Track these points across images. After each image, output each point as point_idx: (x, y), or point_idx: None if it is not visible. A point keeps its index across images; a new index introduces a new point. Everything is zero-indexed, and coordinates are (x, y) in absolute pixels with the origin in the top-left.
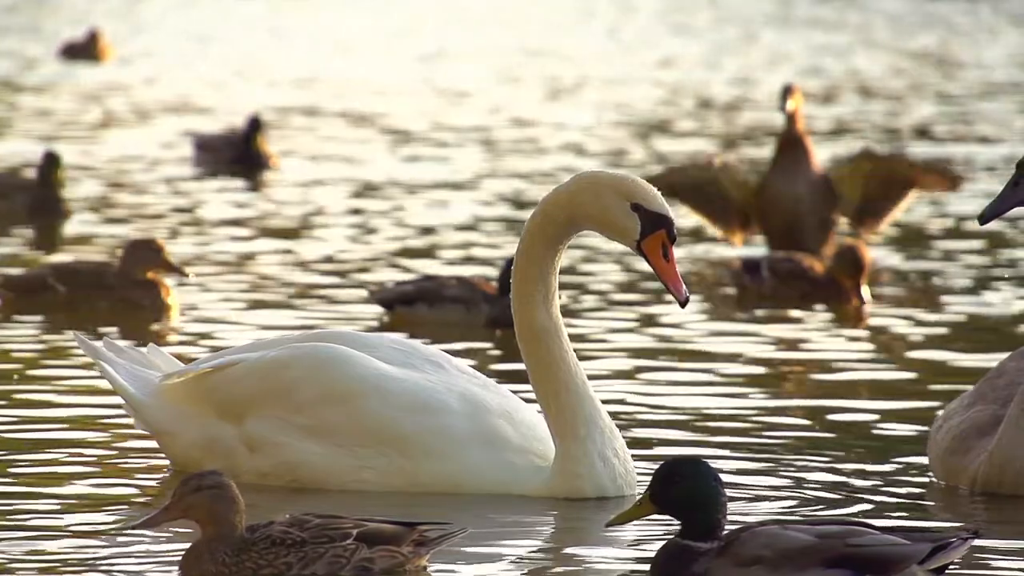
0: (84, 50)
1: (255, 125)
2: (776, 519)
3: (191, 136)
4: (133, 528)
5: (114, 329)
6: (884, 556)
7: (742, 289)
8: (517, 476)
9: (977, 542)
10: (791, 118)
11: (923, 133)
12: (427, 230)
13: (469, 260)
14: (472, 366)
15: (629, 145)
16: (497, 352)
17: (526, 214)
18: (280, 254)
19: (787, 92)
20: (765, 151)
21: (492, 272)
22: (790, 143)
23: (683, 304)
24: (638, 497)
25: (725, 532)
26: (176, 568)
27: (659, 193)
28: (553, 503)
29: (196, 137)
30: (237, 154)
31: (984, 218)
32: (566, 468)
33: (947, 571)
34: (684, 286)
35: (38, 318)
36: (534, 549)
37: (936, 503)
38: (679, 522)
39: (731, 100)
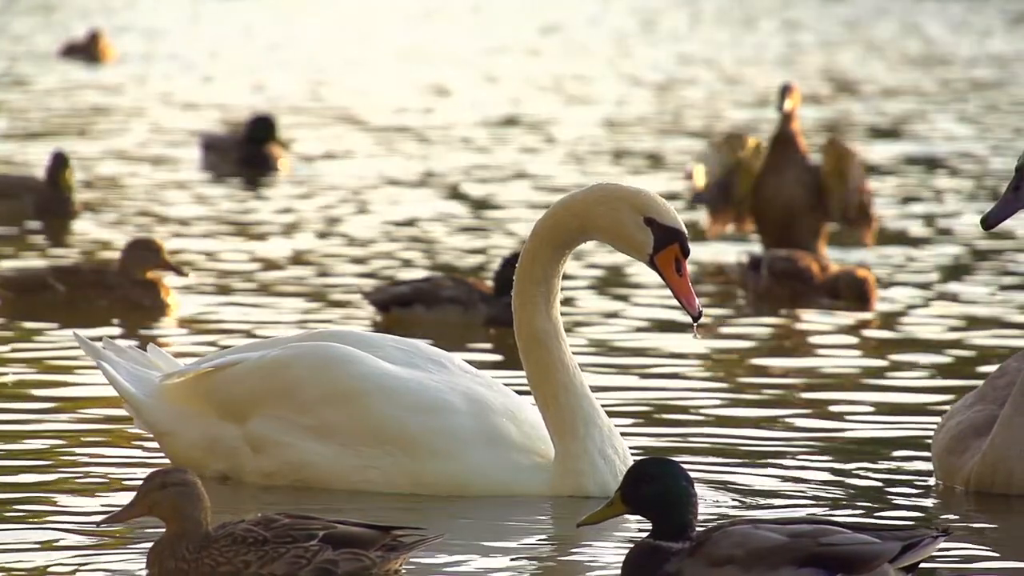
0: (85, 50)
1: (267, 126)
2: (748, 518)
3: (198, 136)
4: (98, 524)
5: (114, 329)
6: (855, 555)
7: (745, 286)
8: (521, 476)
9: (967, 541)
10: (787, 117)
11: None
12: (423, 230)
13: (460, 260)
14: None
15: (616, 143)
16: (496, 353)
17: (514, 213)
18: (280, 254)
19: (785, 91)
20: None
21: (476, 270)
22: (784, 142)
23: (696, 319)
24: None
25: (697, 532)
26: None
27: (672, 207)
28: (555, 502)
29: (203, 137)
30: (244, 155)
31: (988, 223)
32: (567, 467)
33: (918, 569)
34: (697, 300)
35: (38, 318)
36: (532, 549)
37: (932, 502)
38: (650, 522)
39: (714, 98)
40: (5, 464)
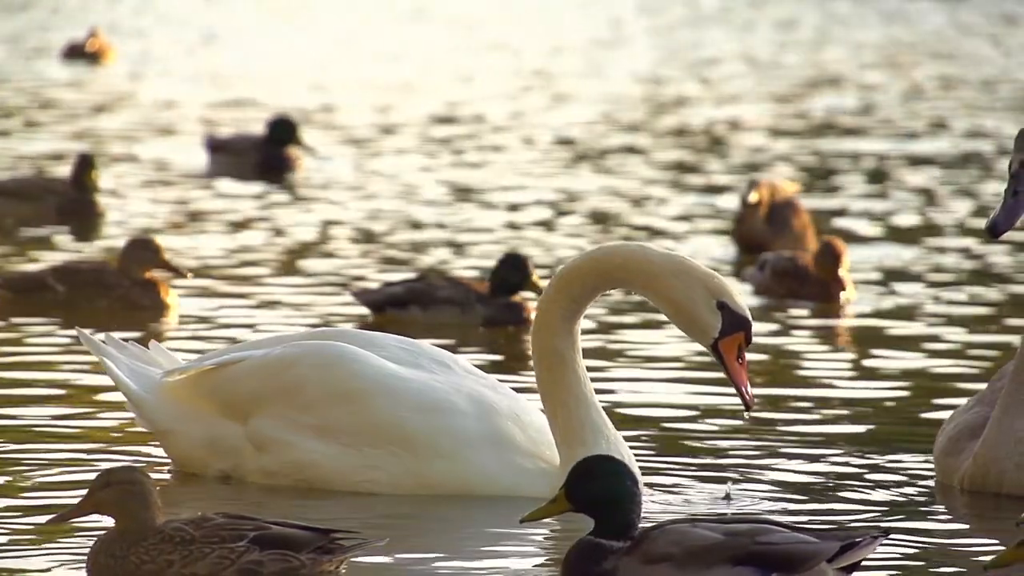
0: (86, 51)
1: (288, 127)
2: (689, 516)
3: (204, 137)
4: (46, 524)
5: (114, 328)
6: (792, 554)
7: (748, 283)
8: (525, 479)
9: (960, 539)
10: (753, 209)
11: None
12: (419, 230)
13: (455, 260)
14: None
15: (604, 142)
16: (492, 353)
17: (512, 213)
18: (280, 253)
19: (752, 185)
20: (740, 149)
21: (465, 271)
22: (752, 239)
23: (748, 408)
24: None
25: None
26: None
27: (743, 297)
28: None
29: (209, 138)
30: (264, 156)
31: (996, 231)
32: None
33: (856, 570)
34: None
35: (38, 318)
36: (527, 550)
37: (928, 502)
38: (593, 520)
39: (693, 97)
40: (4, 464)
